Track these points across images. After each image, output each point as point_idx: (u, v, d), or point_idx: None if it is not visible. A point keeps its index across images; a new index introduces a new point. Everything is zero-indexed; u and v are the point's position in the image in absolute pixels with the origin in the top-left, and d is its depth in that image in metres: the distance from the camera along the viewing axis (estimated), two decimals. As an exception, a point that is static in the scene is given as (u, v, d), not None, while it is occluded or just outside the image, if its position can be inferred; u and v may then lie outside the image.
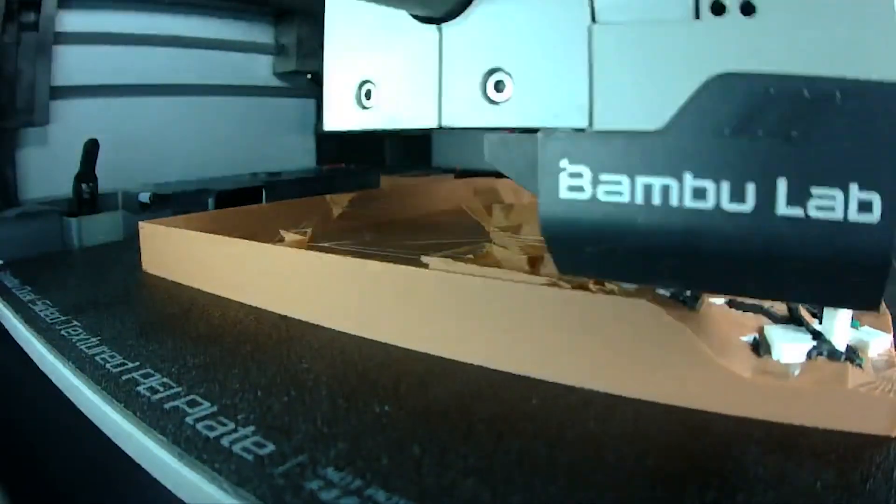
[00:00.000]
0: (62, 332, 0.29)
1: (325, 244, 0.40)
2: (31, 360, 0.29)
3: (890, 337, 0.24)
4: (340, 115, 0.23)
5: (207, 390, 0.23)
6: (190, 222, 0.43)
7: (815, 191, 0.15)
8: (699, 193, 0.16)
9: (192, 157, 0.71)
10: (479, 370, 0.25)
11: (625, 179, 0.17)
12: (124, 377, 0.24)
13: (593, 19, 0.17)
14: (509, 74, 0.19)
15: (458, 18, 0.19)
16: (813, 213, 0.15)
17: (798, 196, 0.15)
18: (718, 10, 0.16)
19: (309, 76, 0.81)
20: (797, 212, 0.15)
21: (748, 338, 0.23)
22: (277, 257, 0.33)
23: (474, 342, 0.25)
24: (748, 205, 0.16)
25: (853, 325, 0.24)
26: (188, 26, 0.70)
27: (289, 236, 0.44)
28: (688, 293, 0.23)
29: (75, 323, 0.31)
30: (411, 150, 0.90)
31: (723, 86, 0.16)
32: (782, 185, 0.15)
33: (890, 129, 0.14)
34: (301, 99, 0.83)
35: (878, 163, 0.14)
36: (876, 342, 0.23)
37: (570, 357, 0.23)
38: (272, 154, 0.79)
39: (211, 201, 0.65)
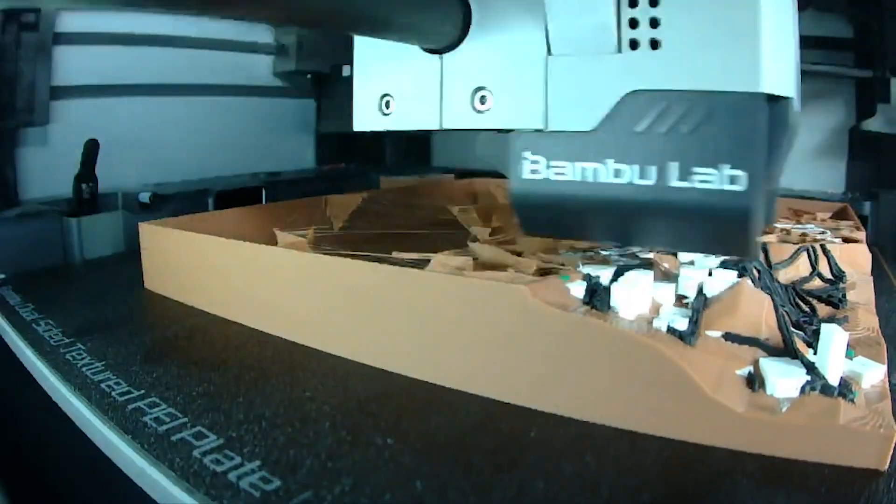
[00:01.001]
0: (66, 356, 0.30)
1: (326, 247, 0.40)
2: (35, 381, 0.29)
3: (883, 368, 0.24)
4: (366, 119, 0.29)
5: (213, 421, 0.23)
6: (190, 222, 0.43)
7: (697, 170, 0.21)
8: (618, 173, 0.23)
9: (192, 157, 0.70)
10: (478, 400, 0.25)
11: (568, 164, 0.24)
12: (130, 406, 0.24)
13: (549, 52, 0.24)
14: (490, 91, 0.26)
15: (454, 51, 0.26)
16: (697, 185, 0.21)
17: (685, 174, 0.22)
18: (634, 45, 0.22)
19: (309, 76, 0.81)
20: (685, 184, 0.22)
21: (743, 371, 0.23)
22: (275, 263, 0.33)
23: (474, 372, 0.26)
24: (651, 180, 0.22)
25: (848, 355, 0.25)
26: (188, 27, 0.70)
27: (282, 236, 0.44)
28: (684, 330, 0.23)
29: (79, 346, 0.31)
30: (411, 150, 0.90)
31: (635, 99, 0.22)
32: (674, 166, 0.22)
33: (749, 125, 0.21)
34: (301, 99, 0.82)
35: (743, 149, 0.21)
36: (870, 374, 0.24)
37: (567, 389, 0.24)
38: (272, 154, 0.79)
39: (211, 201, 0.65)
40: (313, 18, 0.22)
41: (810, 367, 0.23)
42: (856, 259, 0.34)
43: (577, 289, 0.25)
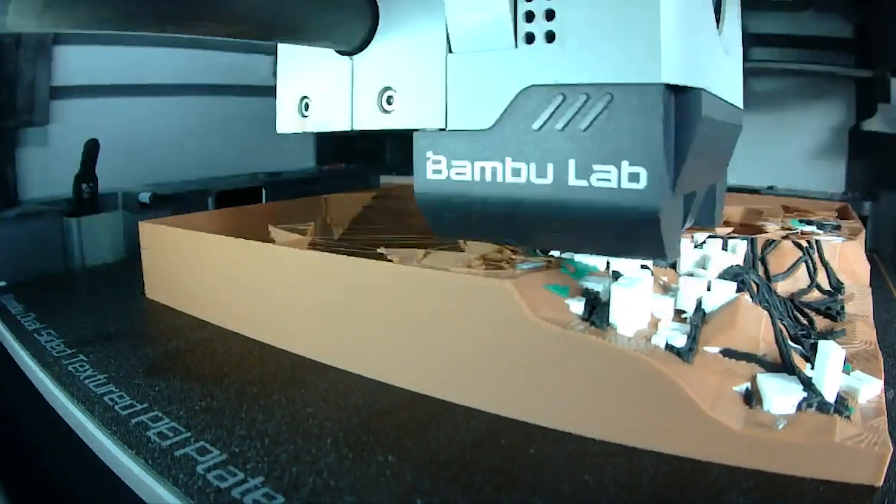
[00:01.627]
0: (69, 368, 0.30)
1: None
2: (38, 391, 0.29)
3: (880, 383, 0.25)
4: (288, 122, 0.30)
5: (216, 437, 0.23)
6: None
7: (595, 167, 0.21)
8: (516, 172, 0.23)
9: (192, 157, 0.70)
10: (478, 414, 0.25)
11: (468, 164, 0.24)
12: (134, 420, 0.25)
13: (449, 50, 0.24)
14: (396, 91, 0.26)
15: (362, 52, 0.26)
16: (595, 184, 0.21)
17: (583, 172, 0.21)
18: (530, 39, 0.22)
19: (309, 76, 0.81)
20: (584, 183, 0.21)
21: (741, 388, 0.24)
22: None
23: (474, 387, 0.26)
24: (549, 179, 0.22)
25: (845, 369, 0.25)
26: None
27: (279, 234, 0.44)
28: (682, 347, 0.23)
29: (81, 357, 0.31)
30: (411, 150, 0.90)
31: (531, 95, 0.22)
32: (572, 164, 0.21)
33: (648, 119, 0.20)
34: (301, 99, 0.83)
35: (642, 144, 0.20)
36: (866, 389, 0.24)
37: (566, 405, 0.24)
38: (272, 154, 0.79)
39: (211, 201, 0.65)
40: (229, 30, 0.22)
41: (807, 384, 0.23)
42: (855, 270, 0.34)
43: (577, 305, 0.25)
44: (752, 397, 0.23)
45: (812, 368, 0.24)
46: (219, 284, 0.37)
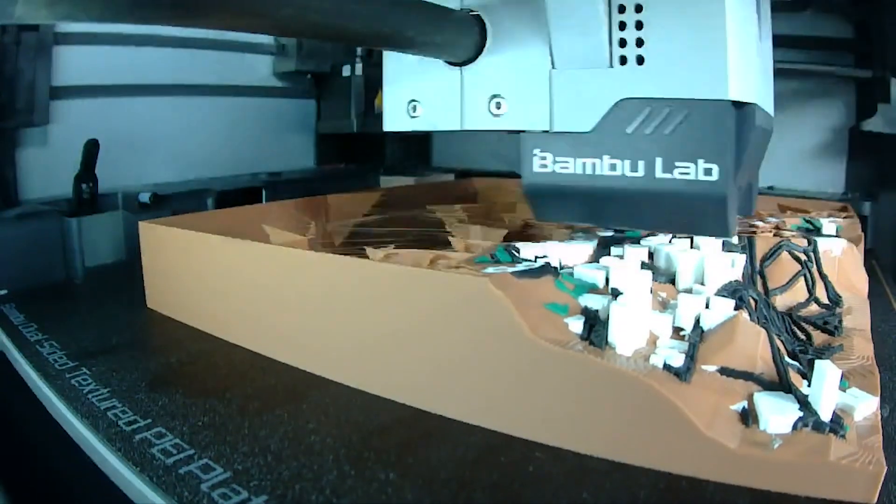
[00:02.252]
0: (72, 381, 0.30)
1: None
2: (41, 404, 0.29)
3: (876, 400, 0.25)
4: (396, 121, 0.34)
5: (219, 453, 0.24)
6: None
7: (678, 164, 0.26)
8: (612, 167, 0.28)
9: (192, 157, 0.70)
10: (478, 431, 0.26)
11: (571, 160, 0.29)
12: (138, 437, 0.25)
13: (553, 66, 0.28)
14: (504, 98, 0.30)
15: (471, 64, 0.31)
16: (677, 176, 0.26)
17: (668, 167, 0.26)
18: (623, 61, 0.27)
19: (309, 76, 0.81)
20: (668, 176, 0.26)
21: (738, 406, 0.24)
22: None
23: (474, 404, 0.26)
24: (640, 173, 0.27)
25: (842, 386, 0.25)
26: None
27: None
28: (680, 367, 0.24)
29: (84, 370, 0.31)
30: (411, 150, 0.90)
31: (625, 106, 0.27)
32: (659, 161, 0.27)
33: (719, 126, 0.25)
34: (301, 99, 0.82)
35: (715, 146, 0.26)
36: (862, 406, 0.24)
37: (565, 423, 0.24)
38: (272, 154, 0.79)
39: (211, 201, 0.65)
40: (351, 37, 0.25)
41: (803, 403, 0.23)
42: (853, 282, 0.34)
43: (576, 324, 0.25)
44: (748, 416, 0.23)
45: (809, 386, 0.24)
46: (218, 288, 0.37)
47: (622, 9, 0.27)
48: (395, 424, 0.26)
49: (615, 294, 0.27)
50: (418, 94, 0.33)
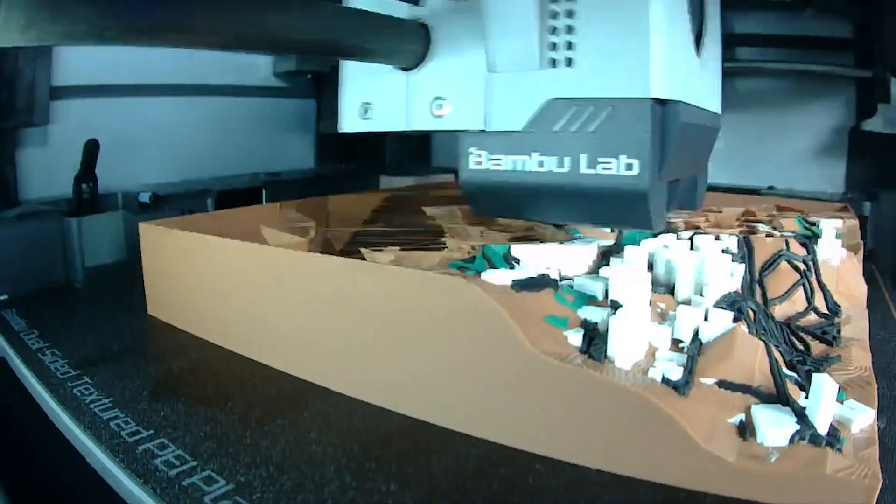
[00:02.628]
0: (74, 391, 0.30)
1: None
2: (44, 412, 0.29)
3: (873, 412, 0.25)
4: (351, 122, 0.37)
5: (221, 465, 0.24)
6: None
7: (601, 159, 0.28)
8: (540, 163, 0.30)
9: (192, 157, 0.70)
10: (478, 442, 0.26)
11: (503, 157, 0.31)
12: (141, 448, 0.25)
13: (488, 70, 0.31)
14: (445, 100, 0.33)
15: (416, 69, 0.34)
16: (600, 171, 0.28)
17: (592, 162, 0.28)
18: (553, 63, 0.29)
19: (309, 76, 0.81)
20: (592, 171, 0.28)
21: (735, 419, 0.24)
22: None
23: (473, 415, 0.26)
24: (566, 168, 0.29)
25: (839, 397, 0.25)
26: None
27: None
28: (678, 380, 0.24)
29: (86, 379, 0.31)
30: (411, 150, 0.90)
31: (553, 105, 0.29)
32: (583, 157, 0.29)
33: (639, 124, 0.27)
34: (301, 99, 0.82)
35: (636, 143, 0.27)
36: (859, 419, 0.24)
37: (564, 435, 0.24)
38: (272, 154, 0.79)
39: (211, 201, 0.65)
40: (306, 48, 0.28)
41: (801, 415, 0.24)
42: (852, 291, 0.35)
43: (575, 337, 0.25)
44: (746, 429, 0.23)
45: (807, 397, 0.25)
46: (216, 290, 0.37)
47: (554, 14, 0.29)
48: (395, 434, 0.26)
49: (614, 306, 0.27)
50: (371, 96, 0.36)
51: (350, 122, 0.37)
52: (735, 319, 0.27)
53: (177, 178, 0.67)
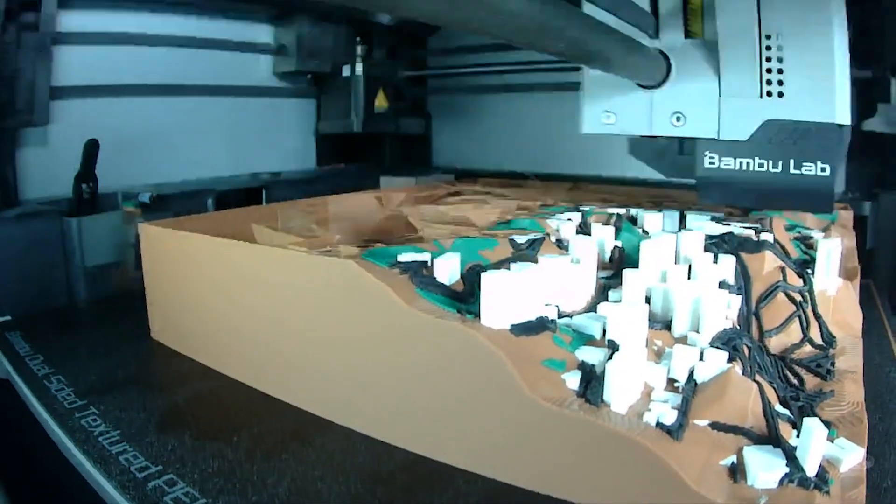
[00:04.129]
0: (82, 422, 0.30)
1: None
2: (51, 439, 0.30)
3: (862, 451, 0.25)
4: (593, 126, 0.47)
5: (229, 503, 0.24)
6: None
7: (804, 163, 0.41)
8: (760, 165, 0.42)
9: (192, 157, 0.70)
10: (478, 479, 0.26)
11: (731, 159, 0.43)
12: (150, 484, 0.25)
13: (720, 94, 0.42)
14: (683, 114, 0.43)
15: (659, 88, 0.44)
16: (804, 172, 0.41)
17: (797, 165, 0.41)
18: (769, 94, 0.42)
19: (309, 76, 0.80)
20: (798, 171, 0.41)
21: (727, 461, 0.24)
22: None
23: (474, 453, 0.27)
24: (779, 169, 0.42)
25: (830, 435, 0.26)
26: (188, 26, 0.69)
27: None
28: (672, 424, 0.24)
29: (93, 409, 0.32)
30: (411, 150, 0.89)
31: (769, 124, 0.42)
32: (792, 161, 0.41)
33: (831, 140, 0.40)
34: (301, 99, 0.82)
35: (829, 154, 0.40)
36: (848, 458, 0.25)
37: (562, 475, 0.25)
38: (272, 154, 0.79)
39: (211, 201, 0.65)
40: (577, 56, 0.33)
41: (791, 457, 0.24)
42: (848, 320, 0.35)
43: (573, 380, 0.25)
44: (737, 471, 0.24)
45: (798, 436, 0.25)
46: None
47: (769, 58, 0.40)
48: (397, 471, 0.27)
49: (612, 346, 0.27)
50: (613, 106, 0.46)
51: (591, 125, 0.46)
52: (730, 359, 0.27)
53: (177, 178, 0.67)
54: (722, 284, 0.32)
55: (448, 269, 0.30)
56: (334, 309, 0.31)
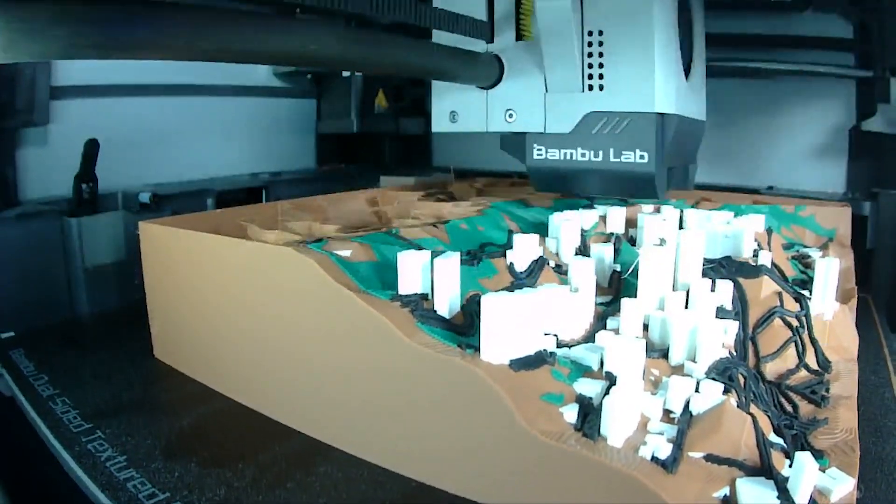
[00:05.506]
0: (89, 447, 0.31)
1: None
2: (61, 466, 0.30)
3: (852, 482, 0.26)
4: (441, 125, 0.50)
5: (237, 534, 0.25)
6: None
7: (623, 152, 0.43)
8: (583, 154, 0.44)
9: (192, 157, 0.70)
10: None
11: (556, 150, 0.45)
12: (159, 513, 0.26)
13: (546, 90, 0.45)
14: (515, 111, 0.46)
15: (494, 88, 0.47)
16: (623, 160, 0.43)
17: (617, 154, 0.43)
18: (590, 88, 0.44)
19: (309, 76, 0.80)
20: (618, 160, 0.43)
21: (720, 493, 0.25)
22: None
23: (474, 482, 0.27)
24: (600, 158, 0.44)
25: (822, 464, 0.26)
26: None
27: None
28: (667, 458, 0.24)
29: (99, 433, 0.32)
30: (411, 150, 0.89)
31: (591, 116, 0.44)
32: (612, 150, 0.43)
33: (647, 129, 0.42)
34: (301, 99, 0.81)
35: (647, 142, 0.42)
36: (839, 489, 0.25)
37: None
38: (272, 154, 0.79)
39: (211, 201, 0.66)
40: (413, 74, 0.47)
41: (782, 489, 0.24)
42: (843, 345, 0.35)
43: (570, 413, 0.26)
44: (730, 503, 0.24)
45: (790, 465, 0.25)
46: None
47: (590, 55, 0.43)
48: (399, 500, 0.27)
49: (609, 378, 0.27)
50: (457, 107, 0.49)
51: (440, 124, 0.50)
52: (725, 389, 0.27)
53: (177, 178, 0.67)
54: (719, 310, 0.32)
55: (447, 303, 0.30)
56: (336, 340, 0.31)
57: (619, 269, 0.37)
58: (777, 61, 0.70)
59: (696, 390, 0.27)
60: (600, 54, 0.42)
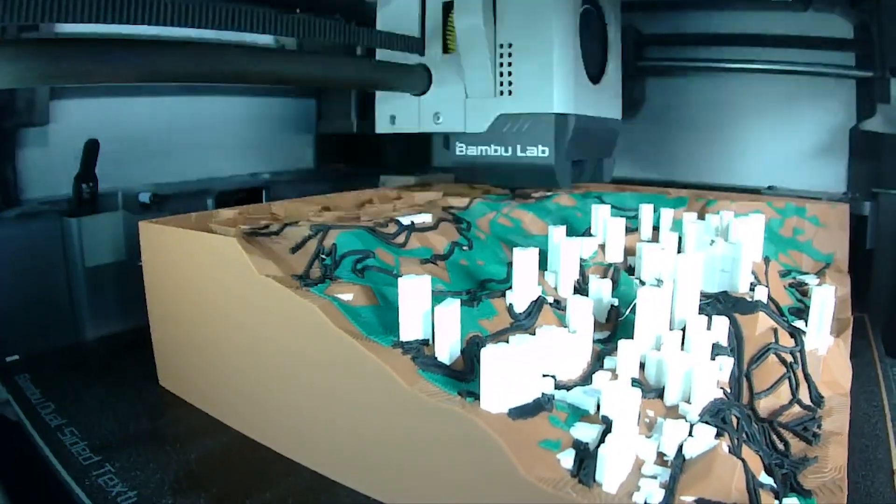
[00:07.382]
0: (99, 482, 0.31)
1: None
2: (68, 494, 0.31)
3: None
4: (383, 126, 0.60)
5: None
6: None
7: (528, 147, 0.53)
8: (496, 150, 0.54)
9: (192, 157, 0.70)
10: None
11: (474, 147, 0.55)
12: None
13: (466, 96, 0.55)
14: (441, 113, 0.56)
15: (424, 95, 0.56)
16: (528, 154, 0.53)
17: (523, 149, 0.53)
18: (502, 93, 0.54)
19: (310, 76, 0.80)
20: (524, 154, 0.53)
21: (714, 535, 0.25)
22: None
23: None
24: (509, 153, 0.54)
25: (810, 503, 0.27)
26: (188, 29, 0.68)
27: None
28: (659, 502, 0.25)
29: (108, 467, 0.33)
30: (411, 150, 0.89)
31: (501, 117, 0.54)
32: (518, 146, 0.53)
33: (548, 127, 0.52)
34: (301, 99, 0.81)
35: (546, 138, 0.52)
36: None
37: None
38: (272, 154, 0.79)
39: (211, 201, 0.66)
40: (351, 86, 0.63)
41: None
42: (837, 379, 0.36)
43: (567, 459, 0.26)
44: (722, 546, 0.25)
45: (780, 504, 0.26)
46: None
47: (501, 65, 0.52)
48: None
49: (606, 422, 0.28)
50: (396, 111, 0.59)
51: (382, 127, 0.60)
52: (718, 433, 0.28)
53: (177, 178, 0.67)
54: (715, 346, 0.33)
55: (448, 349, 0.31)
56: (339, 385, 0.32)
57: (616, 303, 0.38)
58: (777, 61, 0.70)
59: (690, 434, 0.28)
60: (510, 64, 0.52)
